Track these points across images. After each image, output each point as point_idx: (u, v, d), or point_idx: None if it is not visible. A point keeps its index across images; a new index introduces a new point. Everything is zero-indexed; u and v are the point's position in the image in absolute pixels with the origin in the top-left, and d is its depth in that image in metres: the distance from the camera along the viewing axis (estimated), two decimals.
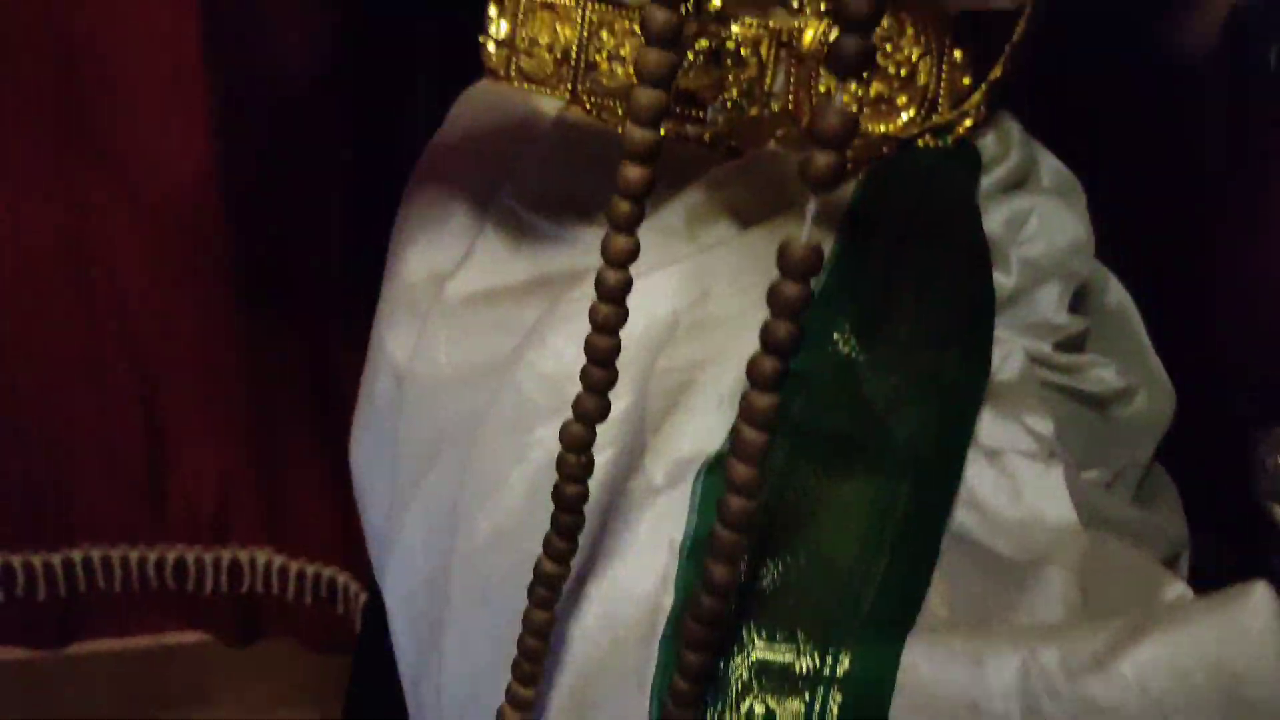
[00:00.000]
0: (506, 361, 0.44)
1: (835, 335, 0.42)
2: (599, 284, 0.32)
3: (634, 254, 0.31)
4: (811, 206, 0.26)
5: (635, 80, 0.29)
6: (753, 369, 0.29)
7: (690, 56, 0.46)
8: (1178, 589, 0.37)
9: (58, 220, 0.78)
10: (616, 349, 0.33)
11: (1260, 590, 0.30)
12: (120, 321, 0.83)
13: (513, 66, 0.53)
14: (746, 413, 0.30)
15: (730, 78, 0.46)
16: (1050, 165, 0.58)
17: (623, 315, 0.33)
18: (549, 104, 0.51)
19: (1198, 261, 0.60)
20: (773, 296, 0.26)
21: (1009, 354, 0.45)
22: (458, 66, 0.57)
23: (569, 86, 0.51)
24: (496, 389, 0.43)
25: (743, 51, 0.46)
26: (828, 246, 0.44)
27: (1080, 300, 0.54)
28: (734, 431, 0.30)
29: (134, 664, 0.95)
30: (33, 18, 0.71)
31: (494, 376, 0.44)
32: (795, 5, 0.46)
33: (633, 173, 0.30)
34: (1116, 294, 0.56)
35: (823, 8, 0.47)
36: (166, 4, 0.72)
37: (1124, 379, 0.49)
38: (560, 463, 0.34)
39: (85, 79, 0.73)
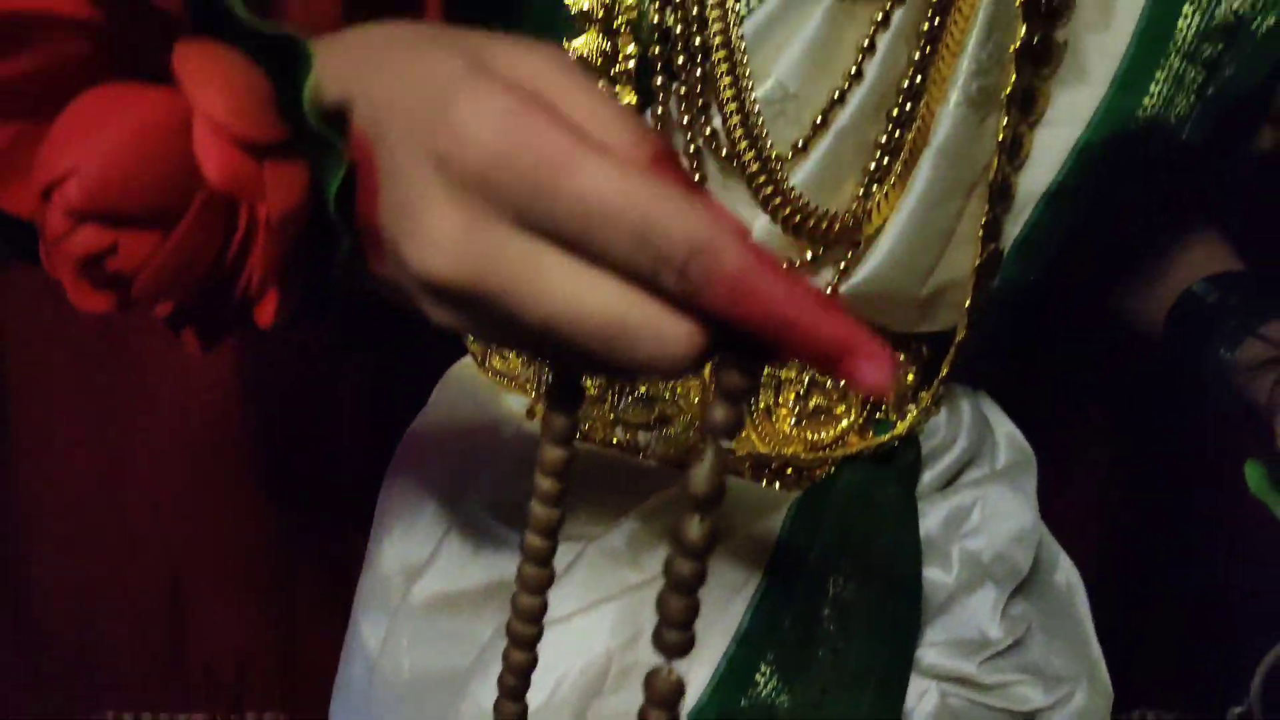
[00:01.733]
0: (458, 682, 0.47)
1: (757, 676, 0.45)
2: (506, 659, 0.34)
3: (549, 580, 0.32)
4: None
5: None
6: None
7: (629, 399, 0.50)
8: None
9: (94, 430, 0.85)
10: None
11: None
12: (151, 511, 0.90)
13: (488, 361, 0.57)
14: None
15: (669, 413, 0.50)
16: (1005, 435, 0.60)
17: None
18: (517, 402, 0.55)
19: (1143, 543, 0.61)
20: None
21: (925, 691, 0.47)
22: None
23: (534, 387, 0.55)
24: (446, 711, 0.47)
25: (679, 390, 0.49)
26: (755, 579, 0.47)
27: (1029, 577, 0.55)
28: None
29: None
30: None
31: (446, 696, 0.47)
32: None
33: (537, 542, 0.31)
34: (1066, 573, 0.57)
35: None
36: None
37: (1052, 694, 0.50)
38: None
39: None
